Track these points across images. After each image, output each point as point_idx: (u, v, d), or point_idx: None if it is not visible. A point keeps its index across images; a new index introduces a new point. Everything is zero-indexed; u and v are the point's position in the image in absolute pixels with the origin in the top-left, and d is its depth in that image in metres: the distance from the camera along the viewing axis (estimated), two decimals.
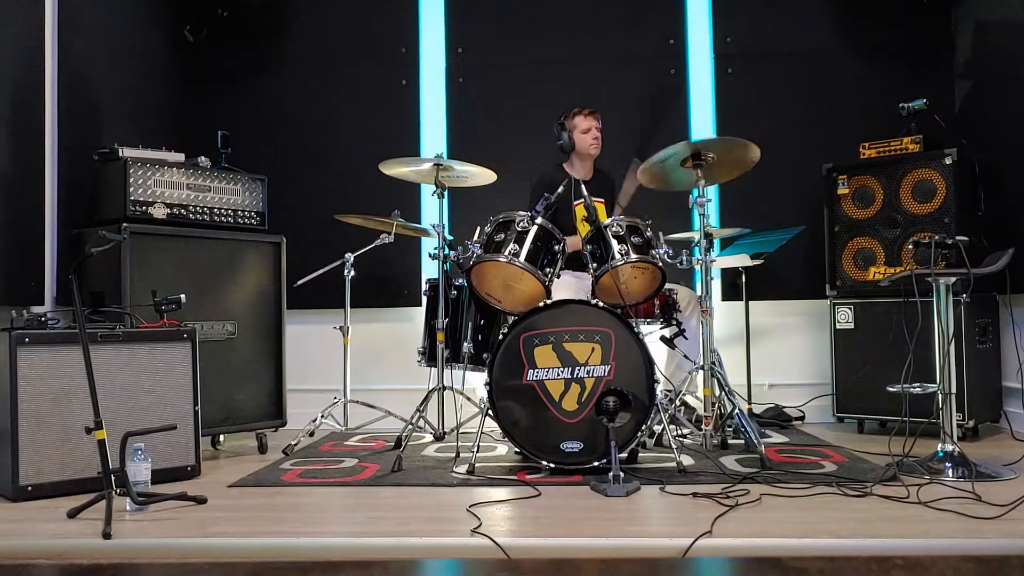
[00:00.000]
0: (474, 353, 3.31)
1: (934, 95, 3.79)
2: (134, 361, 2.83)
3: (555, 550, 2.07)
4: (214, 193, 3.46)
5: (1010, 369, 3.61)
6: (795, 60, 4.32)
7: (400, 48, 4.51)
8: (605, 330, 2.88)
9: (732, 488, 2.55)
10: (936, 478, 2.64)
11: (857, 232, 3.82)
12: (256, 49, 4.51)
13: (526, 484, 2.72)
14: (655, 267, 3.05)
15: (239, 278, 3.49)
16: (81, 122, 3.59)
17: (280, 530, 2.26)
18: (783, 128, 4.23)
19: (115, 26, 3.89)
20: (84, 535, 2.19)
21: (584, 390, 2.86)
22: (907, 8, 4.18)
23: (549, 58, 4.43)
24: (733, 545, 2.05)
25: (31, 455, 2.59)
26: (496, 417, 2.91)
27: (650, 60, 4.41)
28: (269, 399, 3.58)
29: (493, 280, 3.18)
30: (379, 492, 2.73)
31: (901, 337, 3.16)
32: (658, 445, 3.28)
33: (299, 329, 3.98)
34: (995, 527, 2.12)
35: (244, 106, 4.43)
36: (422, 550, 2.10)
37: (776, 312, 4.32)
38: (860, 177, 3.81)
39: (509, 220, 3.10)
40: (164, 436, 2.81)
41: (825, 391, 4.00)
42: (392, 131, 4.45)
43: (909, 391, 2.90)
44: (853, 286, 3.82)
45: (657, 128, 4.32)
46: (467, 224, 3.99)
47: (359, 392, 3.83)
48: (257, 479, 2.93)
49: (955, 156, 3.54)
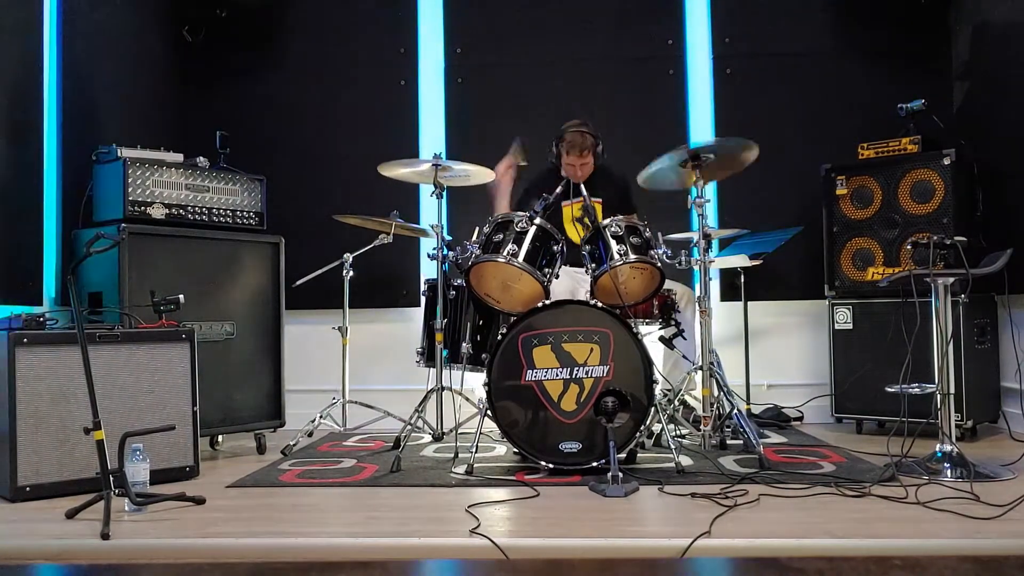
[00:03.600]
0: (473, 353, 3.30)
1: (933, 96, 3.79)
2: (132, 361, 2.83)
3: (553, 550, 2.07)
4: (213, 193, 3.46)
5: (1008, 369, 3.61)
6: (794, 61, 4.32)
7: (399, 48, 4.50)
8: (604, 330, 2.88)
9: (731, 488, 2.55)
10: (935, 478, 2.64)
11: (856, 232, 3.82)
12: (255, 49, 4.50)
13: (525, 484, 2.71)
14: (654, 267, 3.05)
15: (238, 278, 3.49)
16: (80, 122, 3.59)
17: (279, 530, 2.26)
18: (782, 128, 4.23)
19: (114, 26, 3.88)
20: (82, 536, 2.18)
21: (583, 390, 2.86)
22: (905, 9, 4.18)
23: (548, 58, 4.43)
24: (732, 545, 2.05)
25: (29, 455, 2.59)
26: (495, 417, 2.91)
27: (649, 60, 4.41)
28: (268, 400, 3.57)
29: (492, 280, 3.18)
30: (378, 492, 2.73)
31: (899, 337, 3.16)
32: (657, 445, 3.28)
33: (298, 329, 3.98)
34: (994, 527, 2.12)
35: (243, 106, 4.42)
36: (421, 550, 2.10)
37: (775, 312, 4.32)
38: (859, 177, 3.81)
39: (508, 220, 3.10)
40: (163, 436, 2.80)
41: (824, 391, 3.99)
42: (391, 131, 4.45)
43: (907, 391, 2.90)
44: (852, 286, 3.83)
45: (655, 129, 4.33)
46: (466, 224, 3.98)
47: (358, 392, 3.82)
48: (256, 479, 2.93)
49: (953, 157, 3.54)
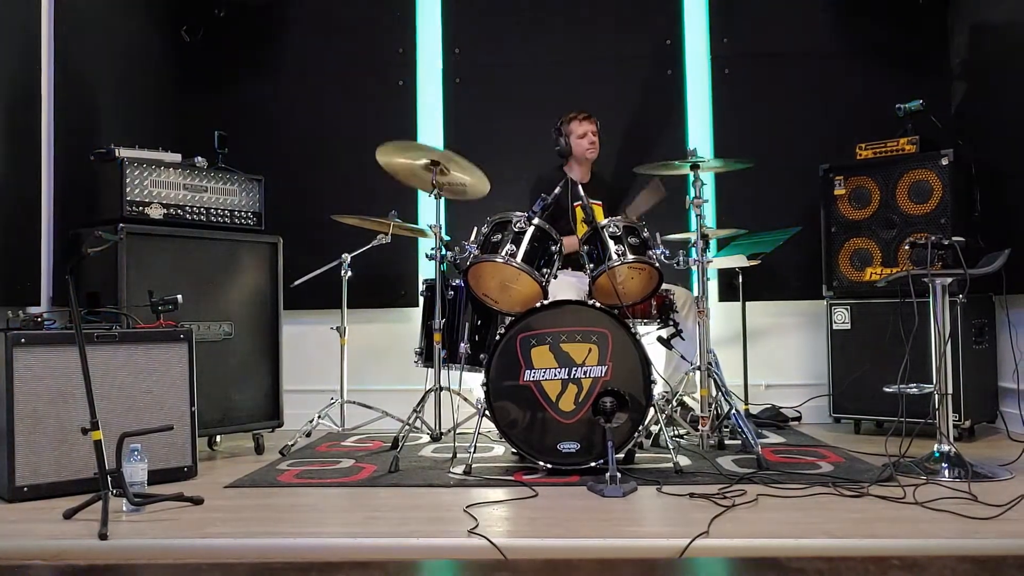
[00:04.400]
0: (471, 353, 3.30)
1: (931, 96, 3.79)
2: (130, 362, 2.83)
3: (552, 551, 2.07)
4: (211, 193, 3.45)
5: (1006, 369, 3.62)
6: (792, 61, 4.32)
7: (397, 49, 4.50)
8: (602, 331, 2.88)
9: (729, 488, 2.55)
10: (932, 478, 2.65)
11: (854, 233, 3.82)
12: (253, 49, 4.50)
13: (523, 485, 2.71)
14: (652, 267, 3.05)
15: (236, 278, 3.48)
16: (78, 122, 3.59)
17: (277, 531, 2.26)
18: (780, 129, 4.24)
19: (112, 26, 3.88)
20: (80, 536, 2.18)
21: (581, 390, 2.86)
22: (903, 9, 4.18)
23: (546, 59, 4.43)
24: (730, 545, 2.05)
25: (27, 456, 2.59)
26: (493, 418, 2.91)
27: (647, 61, 4.41)
28: (266, 400, 3.57)
29: (490, 280, 3.18)
30: (376, 493, 2.73)
31: (897, 338, 3.15)
32: (655, 446, 3.28)
33: (296, 329, 3.98)
34: (992, 527, 2.13)
35: (241, 106, 4.42)
36: (419, 551, 2.10)
37: (773, 312, 4.32)
38: (857, 178, 3.81)
39: (506, 221, 3.10)
40: (161, 437, 2.80)
41: (822, 391, 3.99)
42: (389, 131, 4.38)
43: (905, 391, 2.90)
44: (850, 287, 3.83)
45: (654, 129, 4.33)
46: (464, 225, 3.97)
47: (356, 393, 3.82)
48: (254, 480, 2.93)
49: (951, 157, 3.55)
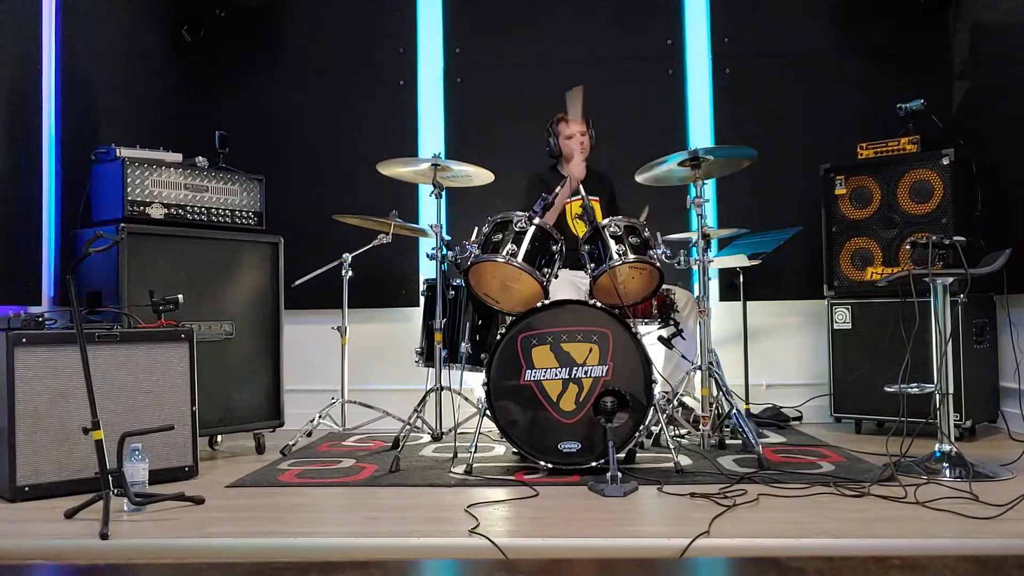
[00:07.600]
0: (472, 353, 3.30)
1: (931, 96, 3.79)
2: (131, 361, 2.83)
3: (553, 550, 2.07)
4: (212, 193, 3.46)
5: (1007, 369, 3.62)
6: (793, 60, 4.32)
7: (398, 48, 4.50)
8: (603, 330, 2.88)
9: (730, 488, 2.55)
10: (933, 478, 2.64)
11: (855, 232, 3.82)
12: (254, 49, 4.50)
13: (524, 484, 2.71)
14: (653, 267, 3.05)
15: (237, 278, 3.48)
16: (79, 122, 3.59)
17: (278, 530, 2.26)
18: (781, 128, 4.24)
19: (113, 26, 3.88)
20: (81, 535, 2.19)
21: (582, 390, 2.86)
22: (904, 9, 4.18)
23: (547, 58, 4.43)
24: (731, 545, 2.05)
25: (28, 455, 2.59)
26: (494, 417, 2.91)
27: (648, 60, 4.41)
28: (267, 399, 3.57)
29: (491, 280, 3.18)
30: (377, 492, 2.73)
31: (898, 337, 3.16)
32: (656, 445, 3.28)
33: (297, 329, 3.98)
34: (993, 527, 2.13)
35: (242, 106, 4.42)
36: (420, 550, 2.10)
37: (774, 312, 4.32)
38: (858, 177, 3.81)
39: (507, 220, 3.10)
40: (161, 436, 2.80)
41: (823, 391, 4.00)
42: (390, 131, 4.45)
43: (906, 391, 2.89)
44: (851, 286, 3.83)
45: (655, 129, 4.33)
46: (465, 224, 3.98)
47: (357, 392, 3.82)
48: (255, 479, 2.93)
49: (952, 156, 3.54)
